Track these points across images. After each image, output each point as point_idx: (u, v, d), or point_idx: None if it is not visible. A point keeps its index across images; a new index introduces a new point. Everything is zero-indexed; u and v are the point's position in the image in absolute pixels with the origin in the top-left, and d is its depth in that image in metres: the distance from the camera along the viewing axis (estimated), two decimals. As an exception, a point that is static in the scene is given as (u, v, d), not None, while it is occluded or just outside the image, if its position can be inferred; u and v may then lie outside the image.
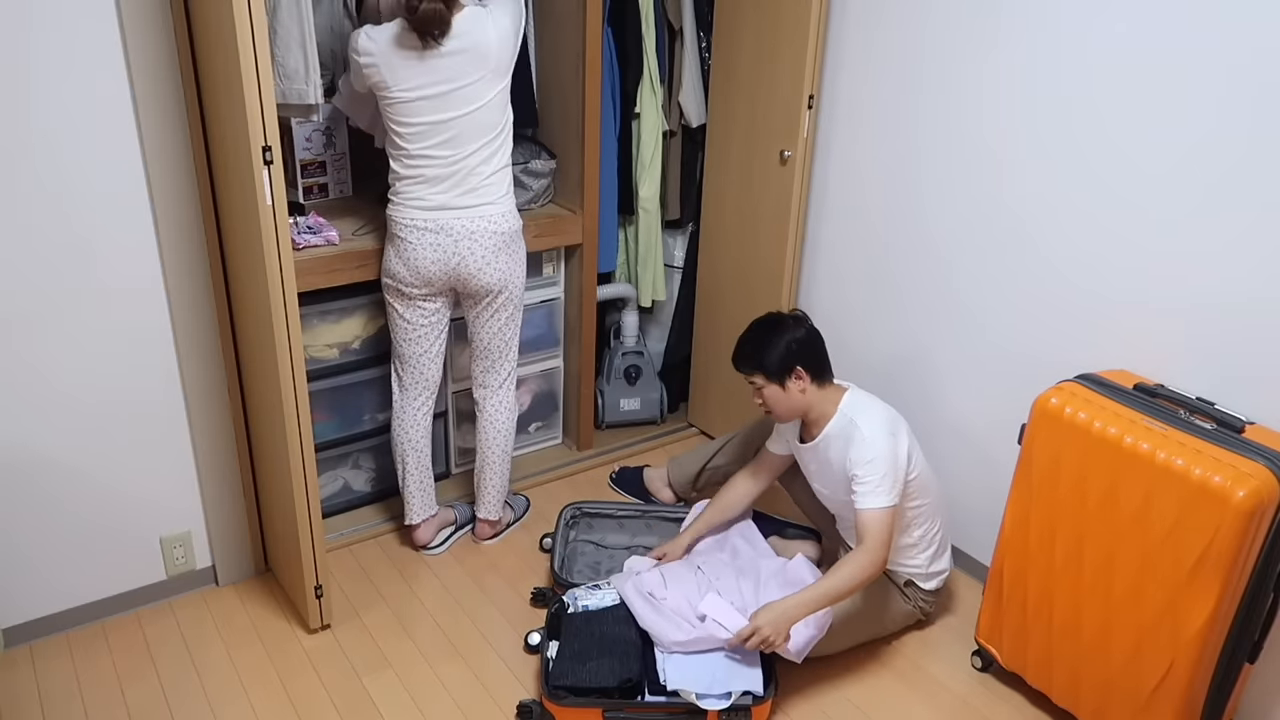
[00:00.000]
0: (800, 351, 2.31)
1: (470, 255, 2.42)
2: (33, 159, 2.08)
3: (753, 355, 2.35)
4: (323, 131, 2.73)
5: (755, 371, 2.35)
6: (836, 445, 2.34)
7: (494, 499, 2.78)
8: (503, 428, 2.72)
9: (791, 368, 2.31)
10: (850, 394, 2.38)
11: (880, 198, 2.77)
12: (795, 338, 2.32)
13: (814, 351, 2.35)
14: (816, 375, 2.34)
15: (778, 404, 2.36)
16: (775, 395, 2.35)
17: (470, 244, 2.41)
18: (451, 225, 2.40)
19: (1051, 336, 2.42)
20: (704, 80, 3.15)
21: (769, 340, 2.33)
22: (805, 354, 2.32)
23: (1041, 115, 2.33)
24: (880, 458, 2.24)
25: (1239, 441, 1.94)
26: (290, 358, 2.16)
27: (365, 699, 2.29)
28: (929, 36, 2.54)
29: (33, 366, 2.21)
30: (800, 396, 2.34)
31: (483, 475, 2.76)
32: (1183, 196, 2.11)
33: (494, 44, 2.30)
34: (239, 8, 1.85)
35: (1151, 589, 1.99)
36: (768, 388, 2.34)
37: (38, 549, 2.35)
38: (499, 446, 2.72)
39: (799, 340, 2.33)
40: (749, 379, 2.38)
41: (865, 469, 2.25)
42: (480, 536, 2.83)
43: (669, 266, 3.43)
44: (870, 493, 2.24)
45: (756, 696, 2.17)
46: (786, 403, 2.35)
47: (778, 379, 2.32)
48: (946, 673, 2.43)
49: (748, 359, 2.36)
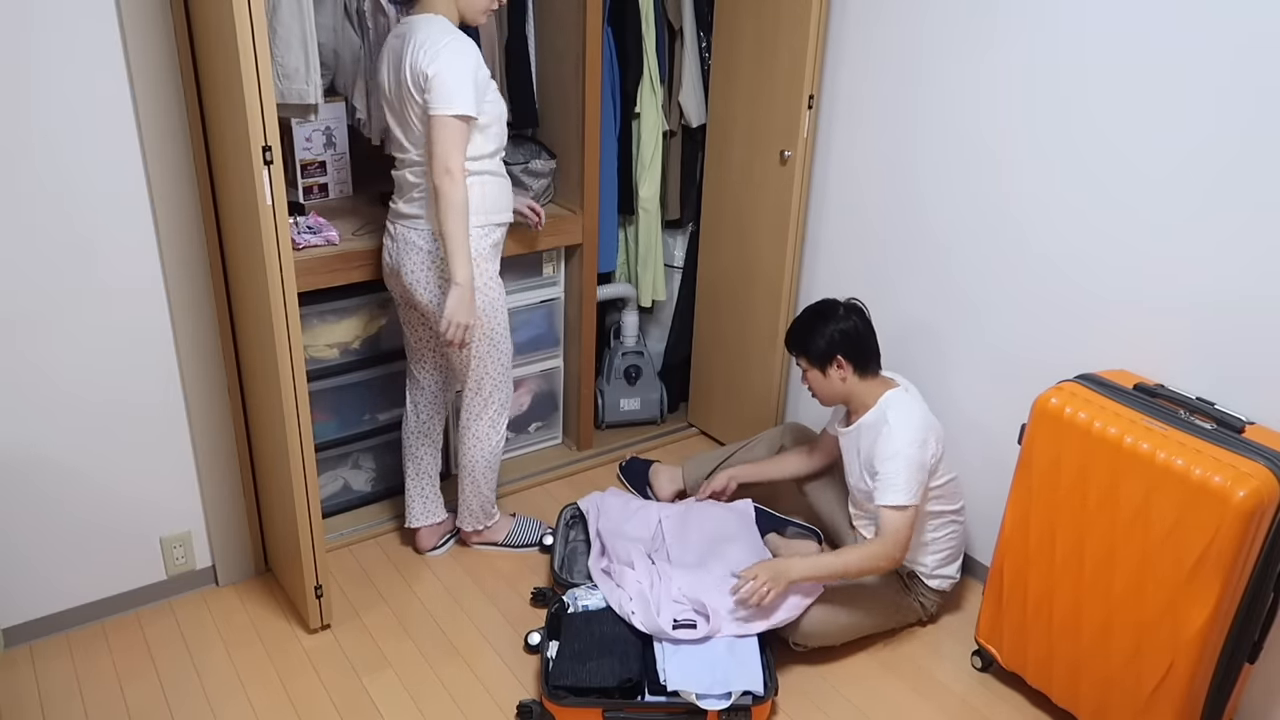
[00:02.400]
0: (843, 342, 2.37)
1: (404, 267, 2.40)
2: (33, 159, 2.08)
3: (799, 340, 2.43)
4: (323, 131, 2.73)
5: (800, 355, 2.44)
6: (867, 437, 2.39)
7: (466, 511, 2.73)
8: (468, 456, 2.62)
9: (833, 357, 2.38)
10: (894, 391, 2.41)
11: (880, 197, 2.77)
12: (841, 328, 2.38)
13: (859, 343, 2.40)
14: (860, 367, 2.39)
15: (820, 389, 2.44)
16: (817, 380, 2.43)
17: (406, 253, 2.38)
18: (395, 231, 2.41)
19: (1051, 336, 2.42)
20: (704, 80, 3.15)
21: (816, 327, 2.40)
22: (848, 345, 2.38)
23: (1041, 115, 2.33)
24: (903, 456, 2.28)
25: (1239, 441, 1.94)
26: (290, 358, 2.16)
27: (365, 699, 2.29)
28: (928, 36, 2.54)
29: (33, 367, 2.21)
30: (841, 385, 2.40)
31: (458, 487, 2.73)
32: (1182, 196, 2.11)
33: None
34: (239, 8, 1.85)
35: (1151, 589, 1.99)
36: (811, 372, 2.43)
37: (38, 549, 2.35)
38: (466, 469, 2.65)
39: (843, 331, 2.38)
40: (796, 362, 2.46)
41: (887, 465, 2.29)
42: (467, 542, 2.82)
43: (669, 266, 3.43)
44: (889, 489, 2.28)
45: (756, 696, 2.17)
46: (828, 389, 2.43)
47: (819, 365, 2.40)
48: (946, 673, 2.43)
49: (795, 343, 2.45)
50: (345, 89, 2.70)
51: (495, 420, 2.60)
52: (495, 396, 2.57)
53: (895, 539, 2.27)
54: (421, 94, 2.20)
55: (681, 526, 2.70)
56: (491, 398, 2.56)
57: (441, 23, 2.24)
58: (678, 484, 3.00)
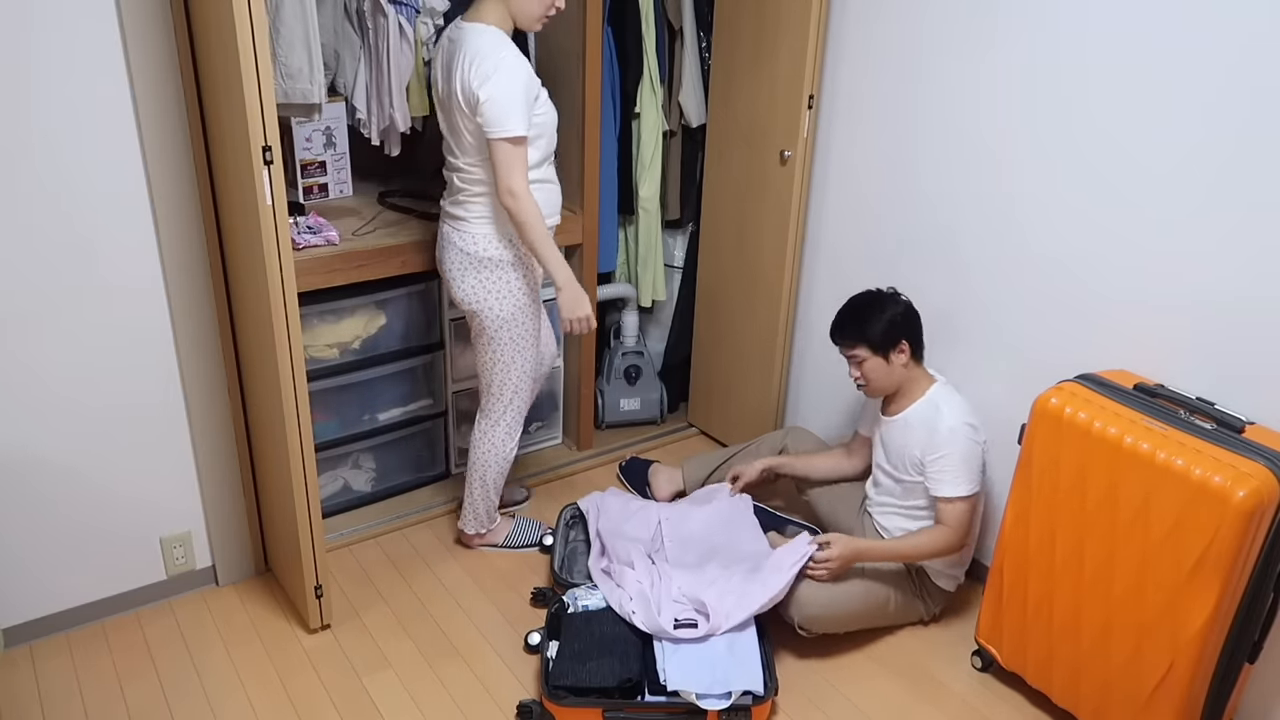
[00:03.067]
0: (904, 324, 2.39)
1: (444, 262, 2.48)
2: (33, 159, 2.08)
3: (858, 329, 2.40)
4: (323, 131, 2.73)
5: (859, 344, 2.40)
6: (918, 429, 2.40)
7: (471, 514, 2.73)
8: (480, 459, 2.64)
9: (897, 340, 2.37)
10: (941, 383, 2.44)
11: (881, 197, 2.77)
12: (898, 312, 2.39)
13: (915, 326, 2.42)
14: (916, 350, 2.41)
15: (877, 377, 2.41)
16: (877, 368, 2.40)
17: (446, 250, 2.47)
18: (441, 227, 2.49)
19: (1051, 336, 2.42)
20: (704, 80, 3.15)
21: (873, 314, 2.39)
22: (909, 327, 2.40)
23: (1041, 113, 2.33)
24: (961, 448, 2.32)
25: (1239, 441, 1.94)
26: (290, 358, 2.16)
27: (365, 699, 2.29)
28: (928, 35, 2.54)
29: (33, 368, 2.21)
30: (901, 370, 2.40)
31: (466, 489, 2.72)
32: (1182, 195, 2.11)
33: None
34: (239, 8, 1.85)
35: (1151, 589, 1.99)
36: (870, 360, 2.40)
37: (38, 549, 2.35)
38: (477, 472, 2.66)
39: (901, 314, 2.39)
40: (849, 352, 2.43)
41: (944, 458, 2.33)
42: (468, 544, 2.81)
43: (669, 266, 3.43)
44: (950, 481, 2.33)
45: (756, 696, 2.17)
46: (887, 376, 2.41)
47: (882, 351, 2.38)
48: (946, 673, 2.43)
49: (852, 332, 2.41)
50: (345, 89, 2.70)
51: (512, 428, 2.62)
52: (515, 403, 2.58)
53: (960, 527, 2.34)
54: (474, 114, 2.23)
55: (681, 526, 2.69)
56: (511, 404, 2.58)
57: (493, 36, 2.24)
58: (676, 484, 3.00)
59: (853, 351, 2.42)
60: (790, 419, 3.21)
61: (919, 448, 2.38)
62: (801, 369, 3.15)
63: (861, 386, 2.47)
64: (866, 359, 2.40)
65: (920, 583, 2.50)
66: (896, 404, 2.47)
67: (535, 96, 2.28)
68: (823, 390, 3.10)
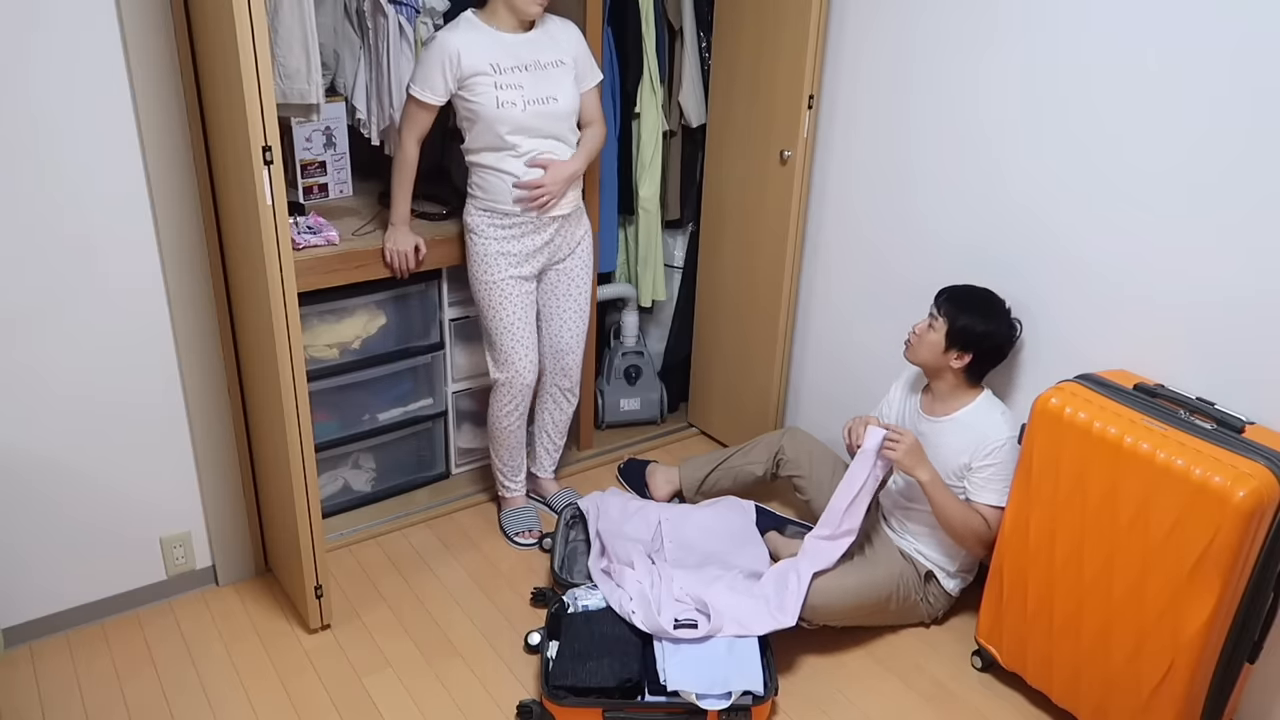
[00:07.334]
0: (982, 345, 2.35)
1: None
2: (33, 159, 2.08)
3: (958, 305, 2.37)
4: (323, 131, 2.73)
5: (943, 315, 2.37)
6: (963, 435, 2.39)
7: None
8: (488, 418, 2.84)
9: (968, 348, 2.35)
10: (987, 395, 2.44)
11: (880, 197, 2.77)
12: (993, 330, 2.35)
13: (991, 355, 2.38)
14: (972, 372, 2.39)
15: (924, 348, 2.40)
16: (934, 346, 2.37)
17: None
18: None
19: (1051, 336, 2.42)
20: (704, 80, 3.15)
21: (978, 310, 2.36)
22: (984, 350, 2.36)
23: (1041, 113, 2.33)
24: (1008, 458, 2.33)
25: (1239, 441, 1.94)
26: (290, 358, 2.16)
27: (365, 699, 2.29)
28: (929, 34, 2.54)
29: (33, 368, 2.21)
30: (945, 368, 2.39)
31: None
32: (1182, 195, 2.11)
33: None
34: (239, 8, 1.85)
35: (1151, 589, 1.99)
36: (936, 338, 2.37)
37: (37, 549, 2.35)
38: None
39: (992, 335, 2.35)
40: (933, 317, 2.39)
41: (993, 470, 2.35)
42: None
43: (669, 266, 3.43)
44: (995, 490, 2.36)
45: (756, 696, 2.17)
46: (931, 357, 2.39)
47: (949, 339, 2.35)
48: (946, 673, 2.43)
49: (948, 309, 2.37)
50: (345, 89, 2.70)
51: (502, 401, 2.75)
52: (503, 375, 2.71)
53: (994, 533, 2.34)
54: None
55: (681, 526, 2.70)
56: (499, 375, 2.72)
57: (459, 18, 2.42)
58: (674, 484, 2.99)
59: (934, 320, 2.39)
60: (790, 419, 3.21)
61: (968, 452, 2.37)
62: (801, 369, 3.15)
63: (908, 342, 2.45)
64: (936, 334, 2.37)
65: (927, 586, 2.50)
66: (945, 405, 2.44)
67: (462, 78, 2.38)
68: (823, 391, 3.10)
